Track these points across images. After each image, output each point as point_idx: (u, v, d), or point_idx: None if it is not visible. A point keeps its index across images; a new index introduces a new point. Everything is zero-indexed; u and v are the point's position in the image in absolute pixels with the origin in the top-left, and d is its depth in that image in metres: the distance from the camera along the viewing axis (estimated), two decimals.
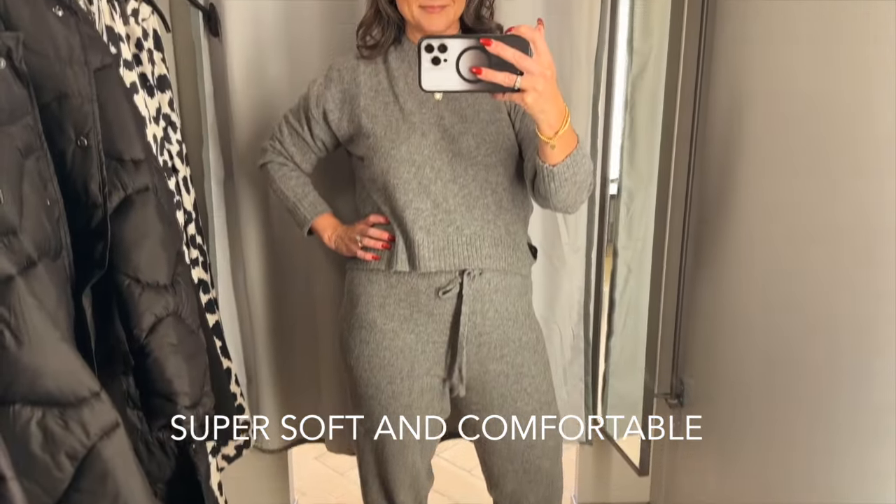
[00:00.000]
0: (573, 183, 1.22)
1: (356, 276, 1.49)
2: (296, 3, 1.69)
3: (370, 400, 1.49)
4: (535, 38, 1.02)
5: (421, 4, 1.30)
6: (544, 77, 1.03)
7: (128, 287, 0.93)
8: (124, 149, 0.94)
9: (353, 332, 1.48)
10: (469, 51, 1.03)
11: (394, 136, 1.37)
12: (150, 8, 1.44)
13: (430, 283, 1.41)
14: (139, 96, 1.28)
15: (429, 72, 1.04)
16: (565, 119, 1.11)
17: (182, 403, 0.95)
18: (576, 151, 1.19)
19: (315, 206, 1.57)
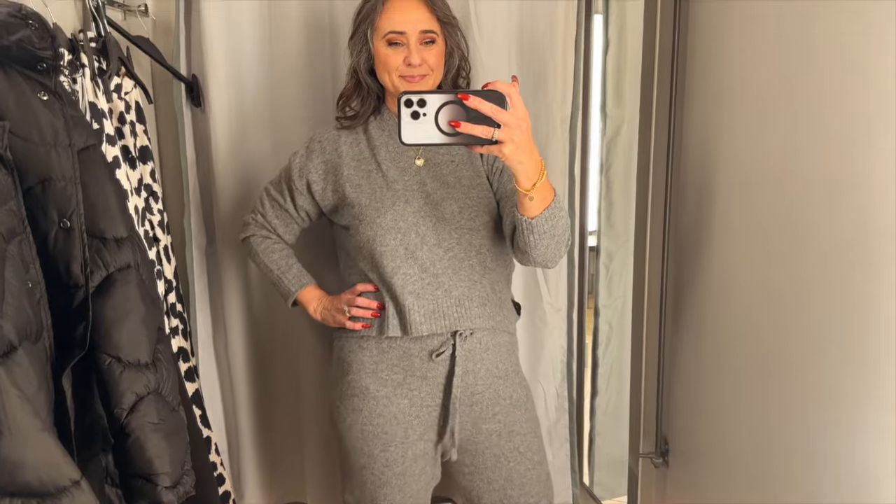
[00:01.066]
0: (552, 236, 1.24)
1: (346, 344, 1.47)
2: (278, 74, 1.73)
3: (363, 470, 1.46)
4: (510, 92, 1.06)
5: (401, 74, 1.33)
6: (521, 129, 1.07)
7: (109, 366, 0.93)
8: (107, 227, 0.94)
9: (345, 400, 1.45)
10: (447, 105, 1.06)
11: (378, 204, 1.37)
12: (132, 81, 1.46)
13: (422, 346, 1.40)
14: (122, 170, 1.29)
15: (409, 125, 1.07)
16: (542, 171, 1.14)
17: (163, 484, 0.94)
18: (553, 204, 1.21)
19: (299, 278, 1.55)
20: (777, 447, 1.26)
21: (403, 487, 1.46)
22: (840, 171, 1.04)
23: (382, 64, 1.34)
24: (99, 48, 1.31)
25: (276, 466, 1.97)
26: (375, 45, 1.34)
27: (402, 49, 1.32)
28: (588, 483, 1.99)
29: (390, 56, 1.33)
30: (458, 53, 1.41)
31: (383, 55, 1.33)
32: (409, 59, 1.31)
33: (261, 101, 1.74)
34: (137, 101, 1.49)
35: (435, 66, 1.34)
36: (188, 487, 1.00)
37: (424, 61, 1.32)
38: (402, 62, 1.32)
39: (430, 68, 1.34)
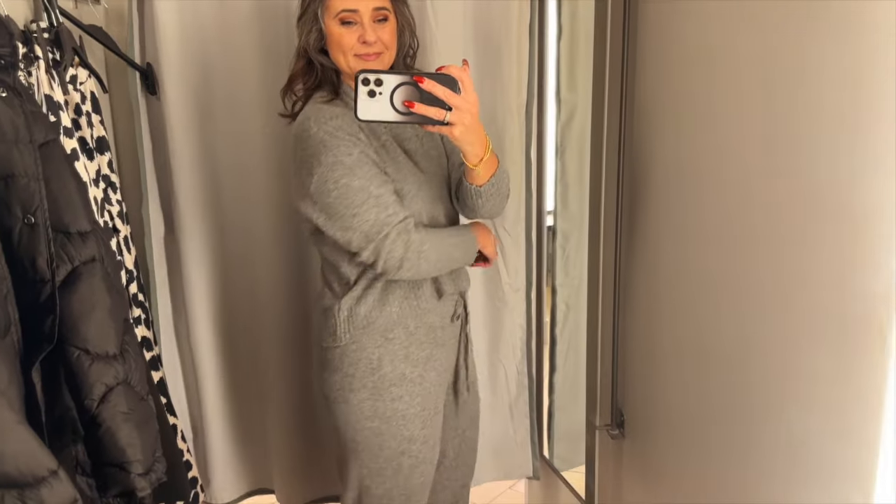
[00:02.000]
0: (498, 197, 1.37)
1: (366, 341, 1.40)
2: (233, 61, 1.72)
3: (401, 456, 1.43)
4: (462, 77, 1.14)
5: (356, 53, 1.32)
6: (470, 112, 1.15)
7: (77, 358, 0.94)
8: (71, 222, 0.95)
9: (382, 394, 1.40)
10: (403, 86, 1.13)
11: (413, 177, 1.37)
12: (87, 71, 1.45)
13: (443, 314, 1.46)
14: (80, 162, 1.29)
15: (364, 103, 1.13)
16: (487, 147, 1.25)
17: (135, 471, 0.96)
18: (498, 171, 1.32)
19: (462, 226, 1.46)
20: (725, 417, 1.34)
21: (433, 459, 1.50)
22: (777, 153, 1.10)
23: (336, 44, 1.32)
24: (52, 39, 1.30)
25: (241, 453, 1.99)
26: (327, 25, 1.32)
27: (356, 28, 1.31)
28: (548, 455, 2.07)
29: (344, 35, 1.31)
30: (408, 30, 1.41)
31: (337, 34, 1.32)
32: (363, 38, 1.30)
33: (217, 88, 1.74)
34: (93, 91, 1.48)
35: (389, 43, 1.34)
36: (160, 474, 1.02)
37: (379, 39, 1.32)
38: (356, 41, 1.31)
39: (384, 46, 1.33)
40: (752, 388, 1.23)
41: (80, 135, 1.36)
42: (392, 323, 1.40)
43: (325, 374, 1.44)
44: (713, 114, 1.31)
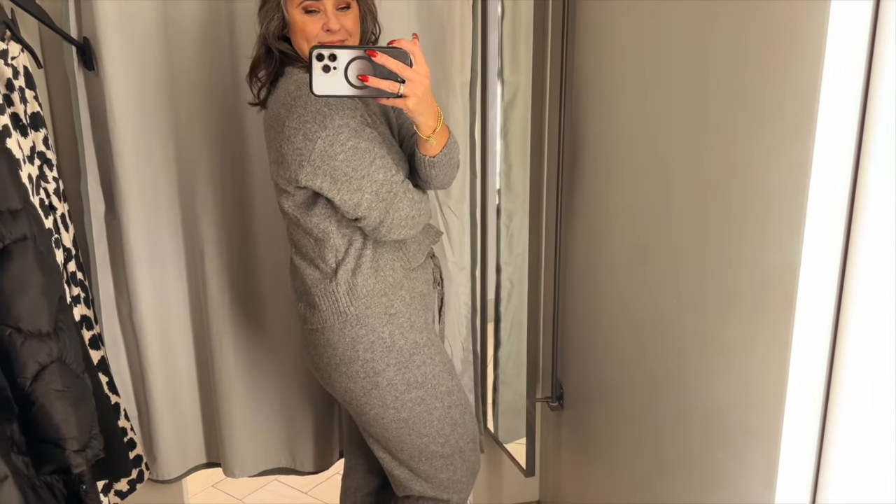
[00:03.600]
0: (449, 166, 1.40)
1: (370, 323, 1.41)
2: (173, 35, 1.70)
3: (450, 409, 1.51)
4: (414, 50, 1.18)
5: (321, 41, 1.32)
6: (423, 84, 1.19)
7: (9, 337, 0.94)
8: (0, 200, 0.94)
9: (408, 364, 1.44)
10: (356, 60, 1.17)
11: (387, 145, 1.38)
12: (19, 46, 1.42)
13: (426, 279, 1.52)
14: (12, 139, 1.27)
15: (319, 77, 1.17)
16: (440, 119, 1.29)
17: (70, 448, 0.97)
18: (450, 142, 1.37)
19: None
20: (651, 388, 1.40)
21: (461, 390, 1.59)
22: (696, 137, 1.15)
23: (300, 32, 1.33)
24: None
25: (185, 429, 1.99)
26: (291, 14, 1.33)
27: (319, 16, 1.32)
28: (493, 429, 2.12)
29: (308, 24, 1.32)
30: (370, 17, 1.43)
31: (300, 23, 1.33)
32: (327, 26, 1.32)
33: (157, 62, 1.71)
34: (26, 65, 1.44)
35: (352, 30, 1.36)
36: (97, 451, 1.03)
37: (343, 27, 1.33)
38: (320, 29, 1.32)
39: (348, 33, 1.35)
40: (672, 360, 1.29)
41: (13, 111, 1.34)
42: (389, 290, 1.42)
43: (342, 369, 1.43)
44: (642, 98, 1.36)
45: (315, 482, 2.40)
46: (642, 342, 1.43)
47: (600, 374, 1.68)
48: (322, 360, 1.46)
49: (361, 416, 1.49)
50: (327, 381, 1.49)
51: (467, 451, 1.56)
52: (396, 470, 1.54)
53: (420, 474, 1.53)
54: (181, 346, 1.93)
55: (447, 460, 1.53)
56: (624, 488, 1.58)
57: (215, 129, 1.76)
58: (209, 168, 1.78)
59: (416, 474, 1.53)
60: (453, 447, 1.53)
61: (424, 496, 1.56)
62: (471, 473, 1.59)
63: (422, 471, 1.53)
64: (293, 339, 1.87)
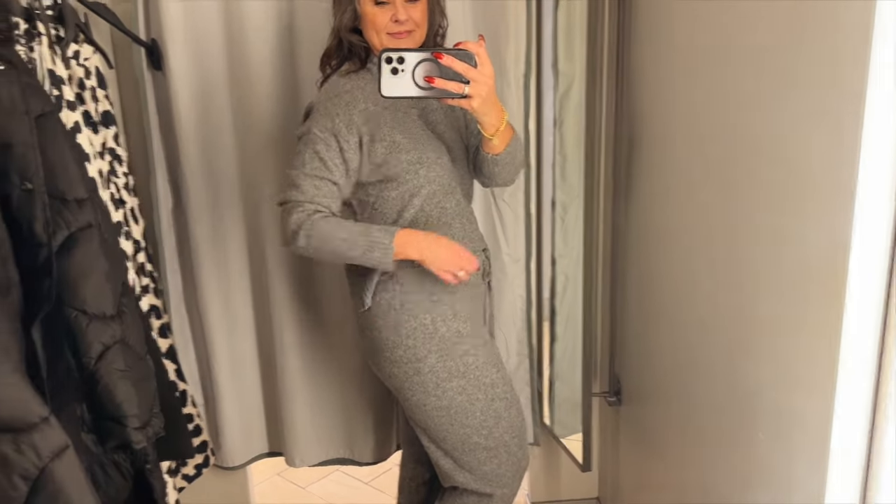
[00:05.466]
0: (513, 165, 1.46)
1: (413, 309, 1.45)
2: (236, 35, 1.75)
3: (493, 402, 1.50)
4: (479, 51, 1.21)
5: (389, 31, 1.38)
6: (487, 85, 1.22)
7: (75, 319, 0.99)
8: (67, 189, 1.00)
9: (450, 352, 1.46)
10: (423, 62, 1.21)
11: (431, 147, 1.44)
12: (91, 48, 1.50)
13: (477, 275, 1.52)
14: (83, 134, 1.34)
15: (388, 80, 1.23)
16: (503, 118, 1.33)
17: (131, 425, 1.02)
18: (513, 140, 1.41)
19: (385, 229, 1.38)
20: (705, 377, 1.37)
21: (518, 398, 1.60)
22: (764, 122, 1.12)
23: (370, 23, 1.39)
24: (55, 16, 1.34)
25: (250, 418, 2.05)
26: (362, 6, 1.39)
27: (389, 7, 1.37)
28: (549, 423, 2.11)
29: (378, 15, 1.37)
30: (438, 10, 1.47)
31: (370, 14, 1.38)
32: (396, 16, 1.36)
33: (220, 61, 1.78)
34: (97, 66, 1.52)
35: (420, 21, 1.40)
36: (157, 429, 1.08)
37: (410, 18, 1.38)
38: (389, 20, 1.37)
39: (415, 24, 1.39)
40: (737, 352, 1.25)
41: (84, 109, 1.41)
42: (434, 285, 1.44)
43: (386, 354, 1.48)
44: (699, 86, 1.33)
45: (376, 473, 2.43)
46: (704, 334, 1.39)
47: (660, 368, 1.64)
48: (370, 343, 1.50)
49: (405, 402, 1.51)
50: (376, 365, 1.53)
51: (513, 447, 1.55)
52: (441, 460, 1.55)
53: (464, 465, 1.53)
54: (245, 337, 1.98)
55: (490, 453, 1.52)
56: (685, 486, 1.54)
57: (276, 125, 1.81)
58: (270, 163, 1.83)
59: (460, 465, 1.53)
60: (497, 440, 1.52)
61: (468, 488, 1.56)
62: (516, 469, 1.58)
63: (465, 462, 1.53)
64: (352, 332, 1.91)
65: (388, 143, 1.40)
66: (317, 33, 1.72)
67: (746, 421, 1.22)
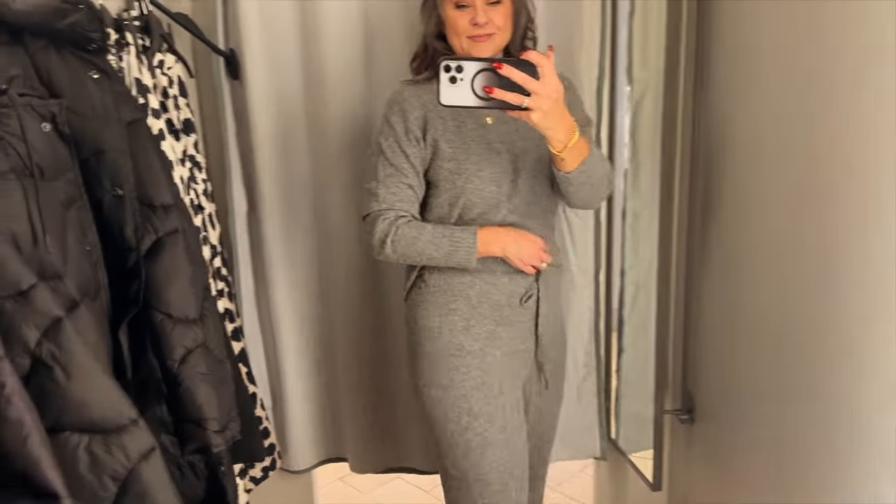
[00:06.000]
0: (589, 185, 1.37)
1: (430, 306, 1.48)
2: (312, 46, 1.78)
3: (466, 432, 1.44)
4: (542, 62, 1.15)
5: (469, 35, 1.37)
6: (550, 98, 1.16)
7: (161, 322, 1.02)
8: (155, 195, 1.03)
9: (440, 362, 1.46)
10: (483, 72, 1.17)
11: (476, 157, 1.42)
12: (174, 57, 1.54)
13: (511, 292, 1.47)
14: (167, 142, 1.37)
15: (447, 88, 1.19)
16: (573, 134, 1.25)
17: (211, 428, 1.03)
18: (588, 159, 1.32)
19: (465, 229, 1.42)
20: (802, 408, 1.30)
21: (508, 443, 1.46)
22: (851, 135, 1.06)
23: (451, 27, 1.38)
24: (142, 26, 1.39)
25: (317, 422, 2.07)
26: (445, 10, 1.39)
27: (469, 10, 1.36)
28: (615, 437, 2.06)
29: (458, 18, 1.37)
30: (525, 13, 1.44)
31: (452, 18, 1.38)
32: (475, 19, 1.35)
33: (296, 71, 1.81)
34: (179, 75, 1.56)
35: (502, 25, 1.38)
36: (234, 432, 1.09)
37: (491, 21, 1.35)
38: (469, 23, 1.36)
39: (496, 27, 1.37)
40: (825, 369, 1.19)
41: (167, 116, 1.45)
42: (456, 286, 1.45)
43: (406, 333, 1.55)
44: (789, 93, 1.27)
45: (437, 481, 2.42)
46: (789, 353, 1.33)
47: (738, 386, 1.58)
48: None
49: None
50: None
51: (484, 491, 1.45)
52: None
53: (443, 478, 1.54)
54: (313, 342, 2.01)
55: (457, 483, 1.48)
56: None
57: (348, 133, 1.83)
58: (342, 170, 1.85)
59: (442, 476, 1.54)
60: (462, 473, 1.46)
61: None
62: None
63: (443, 474, 1.53)
64: None
65: (433, 150, 1.44)
66: (393, 41, 1.74)
67: (831, 444, 1.15)
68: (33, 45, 0.88)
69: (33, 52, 0.88)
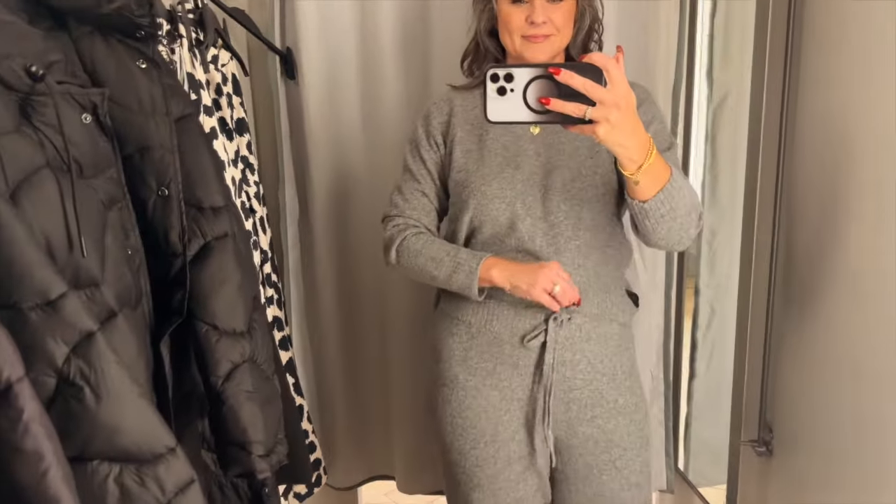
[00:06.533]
0: (672, 219, 1.11)
1: (437, 330, 1.39)
2: (370, 46, 1.71)
3: (454, 467, 1.37)
4: (608, 65, 0.94)
5: (524, 34, 1.23)
6: (618, 108, 0.94)
7: (205, 334, 0.94)
8: (204, 197, 0.95)
9: (437, 389, 1.38)
10: (537, 80, 0.96)
11: (486, 170, 1.29)
12: (229, 54, 1.48)
13: (513, 330, 1.29)
14: (219, 141, 1.31)
15: (494, 102, 0.98)
16: (649, 152, 1.02)
17: (256, 452, 0.94)
18: (669, 185, 1.08)
19: (473, 254, 1.28)
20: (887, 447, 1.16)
21: (497, 493, 1.34)
22: None
23: (504, 24, 1.25)
24: (196, 19, 1.32)
25: (364, 438, 1.99)
26: (499, 4, 1.26)
27: (527, 6, 1.22)
28: (683, 468, 1.92)
29: (512, 14, 1.23)
30: (590, 13, 1.30)
31: (505, 14, 1.25)
32: (531, 17, 1.21)
33: (353, 73, 1.74)
34: (234, 73, 1.50)
35: (561, 25, 1.24)
36: (281, 456, 1.01)
37: (549, 20, 1.21)
38: (524, 21, 1.22)
39: (555, 28, 1.23)
40: None
41: (220, 115, 1.39)
42: (457, 317, 1.34)
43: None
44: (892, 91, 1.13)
45: None
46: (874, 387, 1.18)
47: (821, 418, 1.44)
48: None
49: None
50: None
51: None
52: None
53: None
54: (363, 355, 1.93)
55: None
56: None
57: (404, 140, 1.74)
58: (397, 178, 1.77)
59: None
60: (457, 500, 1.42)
61: None
62: None
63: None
64: None
65: (450, 158, 1.34)
66: (452, 46, 1.64)
67: None
68: (77, 31, 0.81)
69: (77, 38, 0.81)
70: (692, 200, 1.14)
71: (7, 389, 0.54)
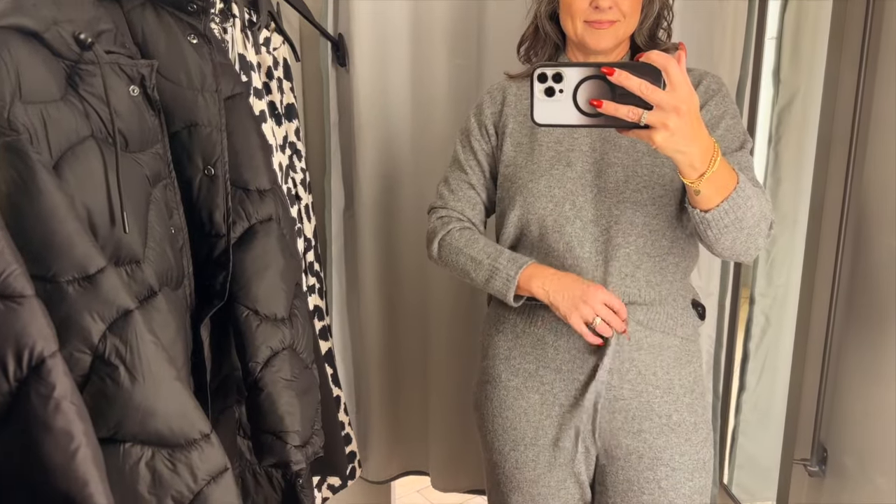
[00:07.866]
0: (737, 230, 1.03)
1: (487, 323, 1.34)
2: (422, 38, 1.68)
3: (495, 469, 1.33)
4: (667, 65, 0.86)
5: (586, 19, 1.15)
6: (678, 113, 0.86)
7: (246, 318, 0.91)
8: (250, 178, 0.93)
9: (481, 386, 1.33)
10: (589, 80, 0.89)
11: (534, 165, 1.22)
12: (281, 38, 1.46)
13: (558, 330, 1.22)
14: (267, 125, 1.29)
15: (542, 103, 0.91)
16: (713, 159, 0.93)
17: (292, 443, 0.92)
18: (735, 194, 0.99)
19: (515, 259, 1.21)
20: None
21: (536, 498, 1.28)
22: None
23: (566, 7, 1.16)
24: (250, 0, 1.31)
25: (400, 432, 1.96)
26: None
27: None
28: (727, 483, 1.84)
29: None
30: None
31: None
32: (596, 2, 1.13)
33: (404, 63, 1.71)
34: (285, 57, 1.49)
35: (628, 11, 1.15)
36: (317, 448, 0.98)
37: (615, 5, 1.13)
38: (588, 5, 1.14)
39: (621, 14, 1.14)
40: None
41: (270, 99, 1.37)
42: (504, 313, 1.28)
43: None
44: None
45: None
46: None
47: (879, 442, 1.36)
48: None
49: None
50: None
51: None
52: None
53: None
54: (403, 349, 1.90)
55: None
56: None
57: (453, 134, 1.71)
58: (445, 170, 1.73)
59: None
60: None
61: None
62: None
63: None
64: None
65: (499, 152, 1.28)
66: (506, 39, 1.59)
67: None
68: (129, 2, 0.79)
69: (129, 10, 0.79)
70: (761, 210, 1.05)
71: (40, 364, 0.52)
